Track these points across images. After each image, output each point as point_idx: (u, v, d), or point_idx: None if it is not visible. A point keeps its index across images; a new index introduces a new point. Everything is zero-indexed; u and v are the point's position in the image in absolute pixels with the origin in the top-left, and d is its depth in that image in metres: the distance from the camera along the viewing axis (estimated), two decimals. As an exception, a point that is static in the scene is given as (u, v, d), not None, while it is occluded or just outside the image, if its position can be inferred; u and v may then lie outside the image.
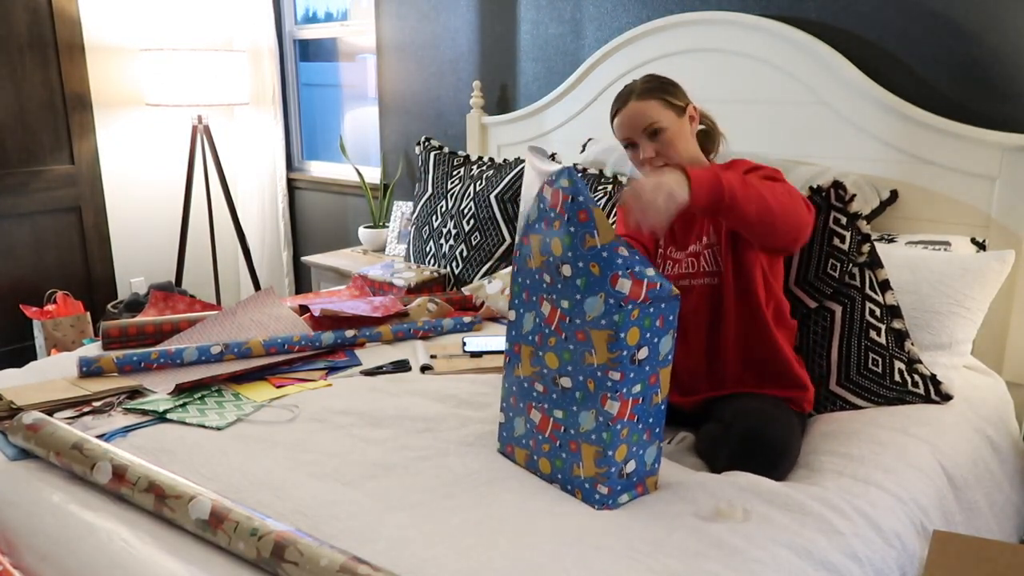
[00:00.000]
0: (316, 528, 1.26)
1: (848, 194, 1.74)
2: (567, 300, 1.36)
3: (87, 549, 1.22)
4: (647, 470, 1.39)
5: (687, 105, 1.70)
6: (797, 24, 2.30)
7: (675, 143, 1.67)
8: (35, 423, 1.49)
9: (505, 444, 1.52)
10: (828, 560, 1.20)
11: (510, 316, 1.50)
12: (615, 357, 1.29)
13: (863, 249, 1.75)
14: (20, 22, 3.40)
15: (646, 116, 1.66)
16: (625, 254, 1.30)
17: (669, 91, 1.69)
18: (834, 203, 1.75)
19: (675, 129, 1.67)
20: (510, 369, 1.51)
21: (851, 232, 1.74)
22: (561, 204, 1.34)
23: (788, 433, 1.50)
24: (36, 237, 3.58)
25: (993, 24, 2.02)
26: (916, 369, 1.75)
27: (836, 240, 1.75)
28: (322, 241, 4.10)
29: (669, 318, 1.34)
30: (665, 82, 1.70)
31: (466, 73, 3.25)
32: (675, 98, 1.69)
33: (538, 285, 1.42)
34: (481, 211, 2.70)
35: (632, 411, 1.33)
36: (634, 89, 1.70)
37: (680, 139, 1.67)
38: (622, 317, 1.27)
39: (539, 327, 1.42)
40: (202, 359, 1.95)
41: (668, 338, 1.35)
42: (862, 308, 1.74)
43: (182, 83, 3.46)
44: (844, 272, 1.75)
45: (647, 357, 1.33)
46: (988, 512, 1.61)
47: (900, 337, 1.75)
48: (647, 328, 1.31)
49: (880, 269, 1.75)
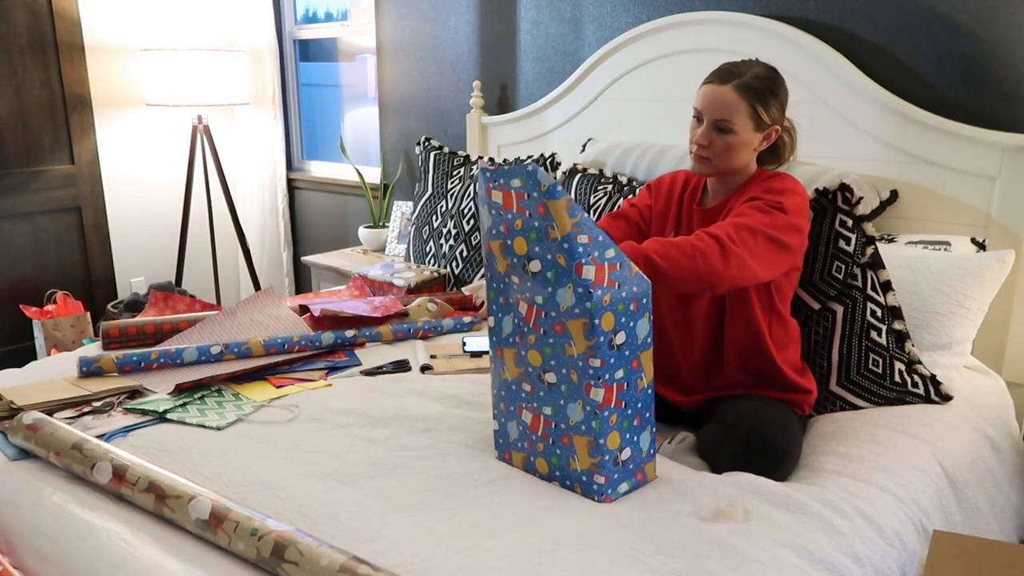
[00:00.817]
0: (316, 528, 1.26)
1: (855, 197, 1.73)
2: (540, 295, 1.37)
3: (87, 549, 1.22)
4: (643, 457, 1.40)
5: (773, 124, 1.63)
6: (797, 24, 2.30)
7: (733, 150, 1.60)
8: (35, 423, 1.49)
9: (503, 451, 1.52)
10: (828, 560, 1.20)
11: (489, 323, 1.50)
12: (593, 344, 1.31)
13: (867, 251, 1.74)
14: (20, 22, 3.40)
15: (726, 110, 1.58)
16: (585, 241, 1.31)
17: (767, 102, 1.60)
18: (840, 205, 1.74)
19: (743, 139, 1.60)
20: (496, 374, 1.51)
21: (856, 234, 1.74)
22: (517, 203, 1.35)
23: (790, 435, 1.50)
24: (36, 237, 3.58)
25: (993, 24, 2.02)
26: (916, 370, 1.75)
27: (841, 242, 1.74)
28: (322, 241, 4.10)
29: (643, 301, 1.36)
30: (771, 87, 1.61)
31: (466, 73, 3.25)
32: (767, 112, 1.60)
33: (509, 287, 1.43)
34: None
35: (618, 397, 1.34)
36: (741, 75, 1.60)
37: (740, 150, 1.61)
38: (593, 304, 1.29)
39: (518, 327, 1.43)
40: (202, 359, 1.95)
41: (644, 321, 1.37)
42: (863, 309, 1.74)
43: (182, 83, 3.46)
44: (848, 274, 1.75)
45: (625, 342, 1.34)
46: (988, 512, 1.61)
47: (901, 338, 1.75)
48: (621, 312, 1.33)
49: (882, 270, 1.75)
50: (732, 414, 1.56)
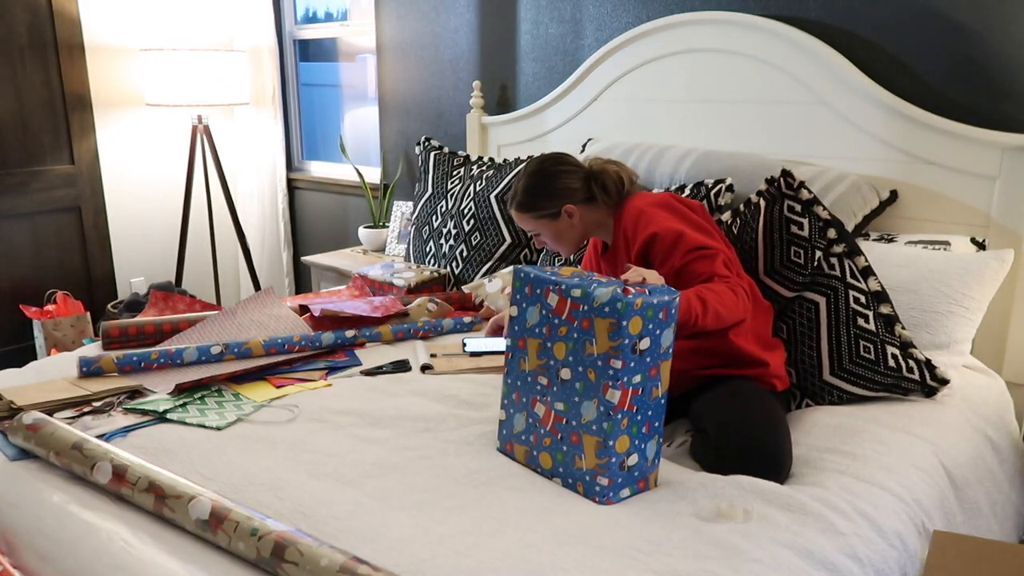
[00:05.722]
0: (316, 528, 1.26)
1: (797, 181, 1.78)
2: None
3: (87, 549, 1.22)
4: (648, 466, 1.40)
5: (560, 208, 1.79)
6: (797, 24, 2.30)
7: (559, 238, 1.83)
8: (35, 423, 1.49)
9: (505, 442, 1.53)
10: (828, 560, 1.20)
11: (512, 311, 1.51)
12: (616, 345, 1.32)
13: (829, 235, 1.76)
14: (20, 22, 3.40)
15: (526, 226, 1.85)
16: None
17: (537, 204, 1.79)
18: (785, 191, 1.79)
19: (553, 231, 1.82)
20: (514, 364, 1.51)
21: (809, 219, 1.76)
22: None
23: (780, 435, 1.49)
24: (36, 237, 3.58)
25: (993, 24, 2.02)
26: (910, 354, 1.75)
27: (794, 227, 1.78)
28: (322, 241, 4.10)
29: (671, 311, 1.37)
30: (536, 191, 1.79)
31: (466, 73, 3.25)
32: (544, 208, 1.79)
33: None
34: (481, 211, 2.70)
35: (632, 401, 1.35)
36: (515, 195, 1.83)
37: (562, 234, 1.82)
38: (624, 306, 1.31)
39: (546, 319, 1.44)
40: (202, 359, 1.95)
41: (669, 331, 1.37)
42: (846, 297, 1.75)
43: (182, 83, 3.46)
44: (810, 259, 1.76)
45: (649, 348, 1.35)
46: (989, 512, 1.61)
47: (889, 322, 1.75)
48: (650, 318, 1.34)
49: (859, 256, 1.77)
50: (711, 422, 1.54)
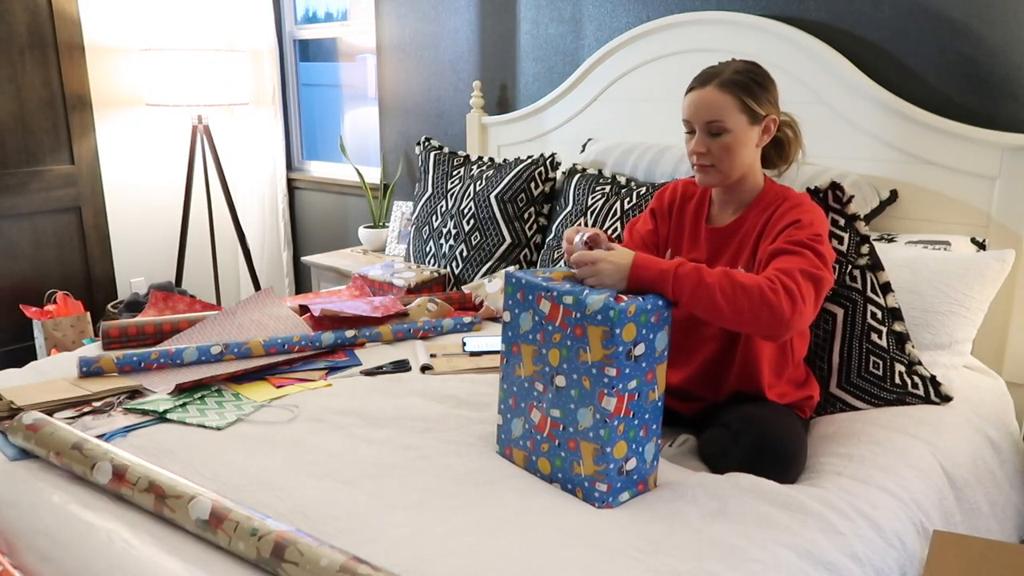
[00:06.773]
0: (316, 528, 1.26)
1: (846, 195, 1.73)
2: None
3: (87, 549, 1.22)
4: (647, 468, 1.40)
5: (768, 115, 1.53)
6: (797, 24, 2.30)
7: (733, 151, 1.51)
8: (35, 423, 1.49)
9: (504, 447, 1.53)
10: (828, 560, 1.20)
11: (505, 318, 1.50)
12: (611, 353, 1.31)
13: (862, 250, 1.74)
14: (20, 22, 3.40)
15: (714, 110, 1.49)
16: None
17: (754, 93, 1.51)
18: (832, 204, 1.75)
19: (740, 136, 1.50)
20: (509, 369, 1.51)
21: (849, 233, 1.74)
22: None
23: (796, 438, 1.49)
24: (36, 237, 3.58)
25: (993, 24, 2.02)
26: (916, 371, 1.74)
27: (834, 242, 1.74)
28: (322, 241, 4.10)
29: (664, 314, 1.36)
30: (756, 79, 1.52)
31: (466, 73, 3.25)
32: (757, 103, 1.51)
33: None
34: (481, 211, 2.70)
35: (628, 407, 1.34)
36: (720, 73, 1.51)
37: (741, 148, 1.51)
38: (616, 314, 1.29)
39: (540, 325, 1.43)
40: (202, 359, 1.95)
41: (663, 334, 1.37)
42: (864, 311, 1.74)
43: (182, 83, 3.46)
44: (843, 274, 1.75)
45: (644, 353, 1.34)
46: (988, 512, 1.61)
47: (901, 340, 1.75)
48: (643, 324, 1.33)
49: (881, 271, 1.75)
50: (736, 419, 1.53)
